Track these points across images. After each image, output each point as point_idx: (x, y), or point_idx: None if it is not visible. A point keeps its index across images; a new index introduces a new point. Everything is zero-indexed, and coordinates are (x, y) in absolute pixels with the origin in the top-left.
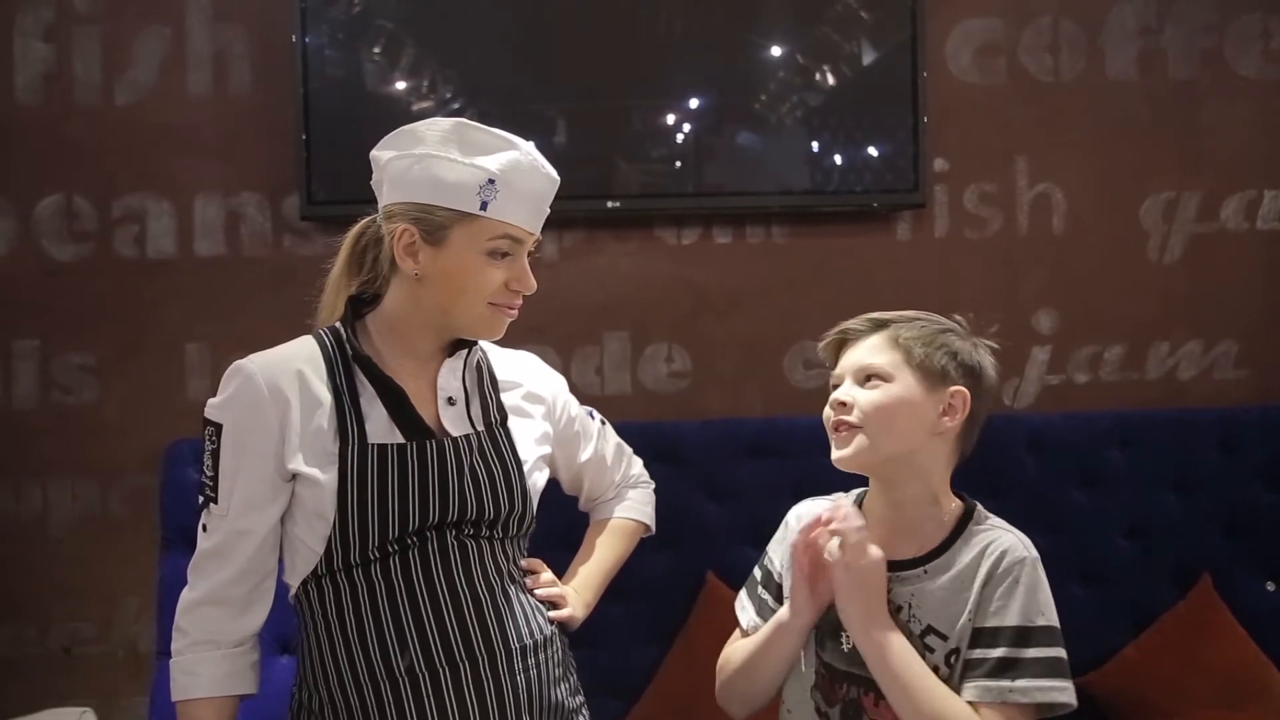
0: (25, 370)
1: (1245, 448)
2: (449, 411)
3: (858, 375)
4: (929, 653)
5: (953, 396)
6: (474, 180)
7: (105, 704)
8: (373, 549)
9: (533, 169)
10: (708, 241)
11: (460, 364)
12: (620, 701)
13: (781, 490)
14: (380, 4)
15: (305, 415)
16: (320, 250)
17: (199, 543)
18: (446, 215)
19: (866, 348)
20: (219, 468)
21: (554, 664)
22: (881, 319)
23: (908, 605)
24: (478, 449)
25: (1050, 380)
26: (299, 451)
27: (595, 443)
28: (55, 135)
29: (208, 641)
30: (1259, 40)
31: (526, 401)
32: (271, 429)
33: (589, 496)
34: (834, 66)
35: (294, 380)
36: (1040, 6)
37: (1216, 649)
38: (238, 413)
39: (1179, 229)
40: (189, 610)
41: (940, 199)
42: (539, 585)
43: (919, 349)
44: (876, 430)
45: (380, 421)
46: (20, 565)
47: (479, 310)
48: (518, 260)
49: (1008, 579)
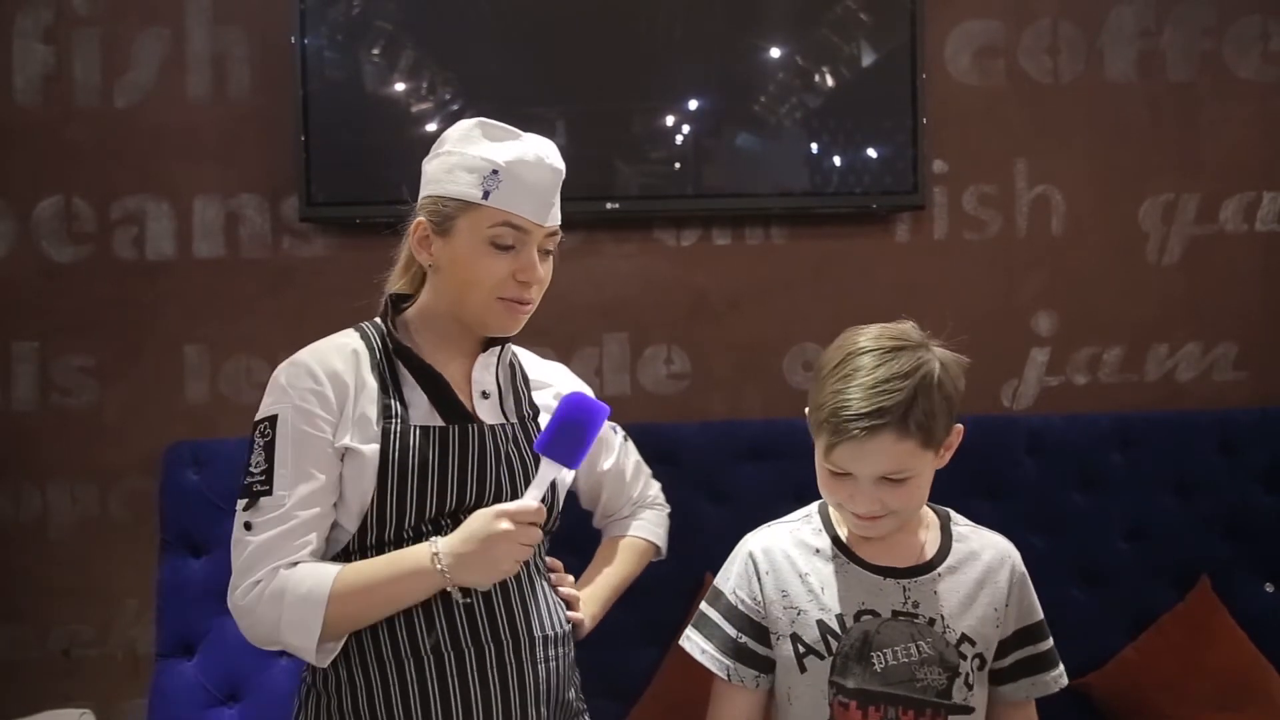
0: (24, 372)
1: (1244, 449)
2: (484, 404)
3: (876, 476)
4: (963, 659)
5: (952, 436)
6: (479, 170)
7: (104, 706)
8: (408, 527)
9: (536, 160)
10: (707, 243)
11: (494, 360)
12: (618, 703)
13: (781, 492)
14: (380, 6)
15: (357, 396)
16: (320, 252)
17: (244, 546)
18: (453, 205)
19: (879, 450)
20: (274, 458)
21: (567, 663)
22: (883, 408)
23: (940, 617)
24: (512, 439)
25: (1049, 382)
26: (350, 429)
27: (616, 455)
28: (55, 137)
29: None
30: (1258, 42)
31: (555, 402)
32: (332, 410)
33: (604, 512)
34: (833, 68)
35: (348, 363)
36: (1039, 8)
37: (1216, 651)
38: (294, 399)
39: (1178, 231)
40: (251, 588)
41: (939, 201)
42: (562, 583)
43: (929, 428)
44: (909, 511)
45: (422, 407)
46: (19, 568)
47: (488, 303)
48: (524, 252)
49: (1022, 579)
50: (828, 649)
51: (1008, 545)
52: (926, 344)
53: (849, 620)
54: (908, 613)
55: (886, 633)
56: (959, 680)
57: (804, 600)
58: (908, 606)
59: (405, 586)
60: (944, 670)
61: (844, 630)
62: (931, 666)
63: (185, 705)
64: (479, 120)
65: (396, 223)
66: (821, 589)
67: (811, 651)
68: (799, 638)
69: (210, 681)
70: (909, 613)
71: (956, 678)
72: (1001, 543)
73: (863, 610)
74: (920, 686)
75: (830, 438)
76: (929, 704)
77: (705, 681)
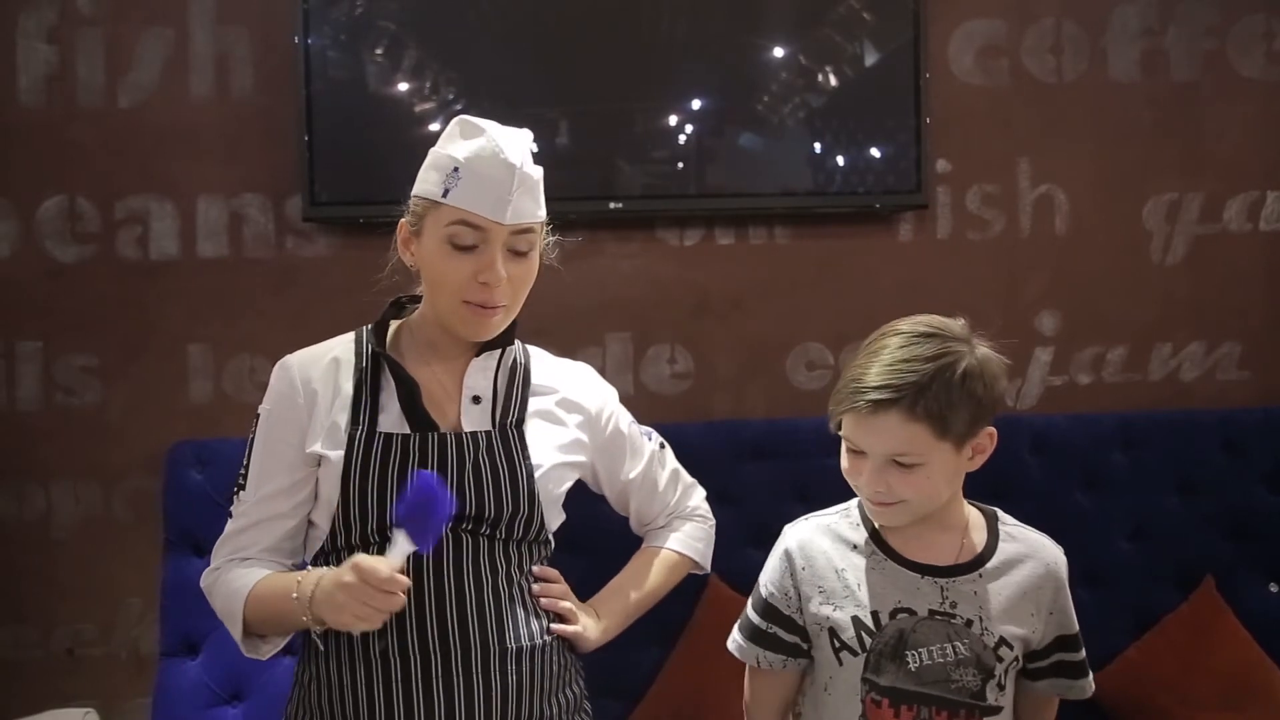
0: (28, 372)
1: (1248, 449)
2: (473, 410)
3: (884, 457)
4: (999, 662)
5: (981, 439)
6: (443, 168)
7: (108, 705)
8: (371, 531)
9: (493, 156)
10: (710, 243)
11: (492, 363)
12: (622, 703)
13: (784, 492)
14: (382, 6)
15: (328, 405)
16: (323, 251)
17: (223, 533)
18: (422, 204)
19: (886, 429)
20: (252, 456)
21: (547, 675)
22: (893, 385)
23: (978, 619)
24: (485, 447)
25: (1053, 382)
26: (319, 437)
27: (645, 463)
28: (58, 137)
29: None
30: (1262, 41)
31: (560, 408)
32: (301, 417)
33: (639, 520)
34: (836, 68)
35: (325, 372)
36: (1042, 8)
37: (1219, 651)
38: (273, 403)
39: (1182, 230)
40: (211, 573)
41: (943, 200)
42: (547, 595)
43: (942, 416)
44: (920, 501)
45: (393, 414)
46: (23, 567)
47: (453, 306)
48: (485, 252)
49: (1065, 584)
50: (862, 645)
51: (1056, 550)
52: (969, 339)
53: (884, 618)
54: (945, 613)
55: (922, 632)
56: (992, 682)
57: (840, 596)
58: (945, 606)
59: (280, 608)
60: (979, 672)
61: (879, 628)
62: (967, 668)
63: (189, 704)
64: (462, 118)
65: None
66: (858, 585)
67: (846, 647)
68: (835, 633)
69: (214, 680)
70: (946, 613)
71: (990, 680)
72: (1050, 546)
73: (899, 608)
74: (955, 688)
75: (841, 407)
76: (963, 705)
77: (711, 682)
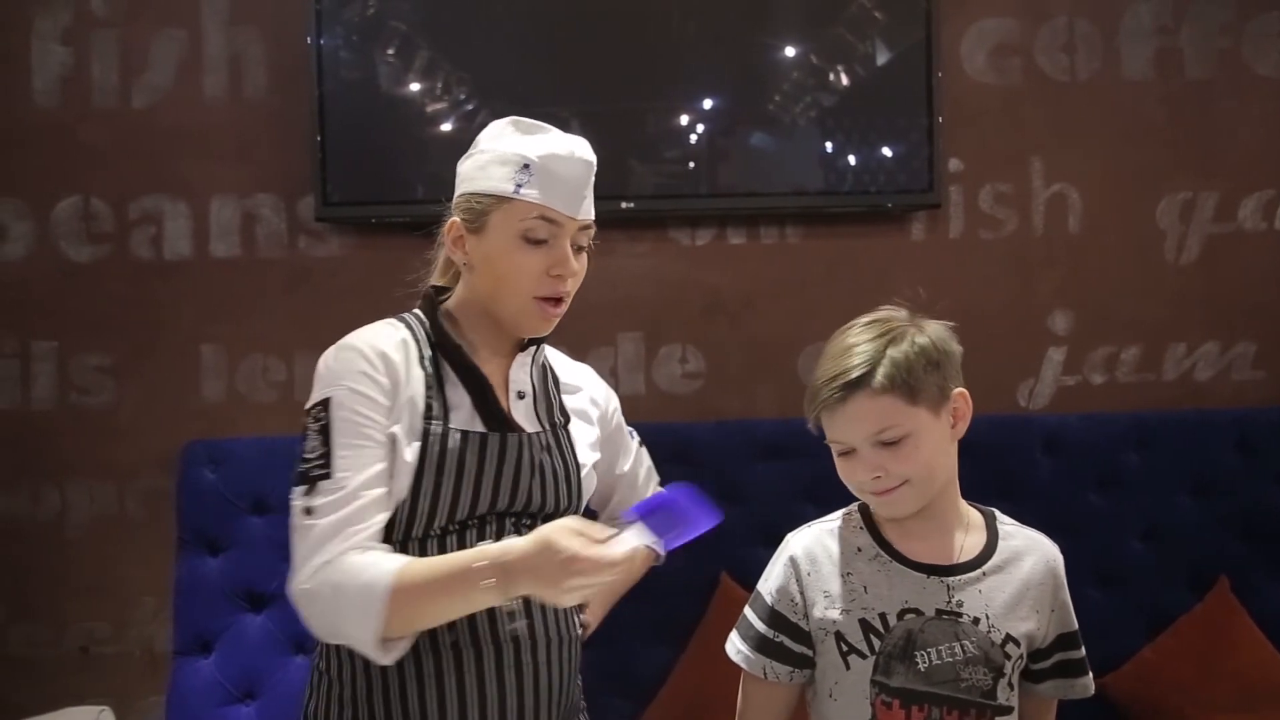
0: (43, 372)
1: (1263, 449)
2: (519, 405)
3: (870, 441)
4: (1007, 659)
5: (955, 401)
6: (512, 164)
7: (122, 703)
8: (435, 526)
9: (568, 153)
10: (721, 242)
11: (529, 360)
12: (632, 702)
13: (795, 491)
14: (394, 6)
15: (407, 384)
16: (335, 251)
17: (307, 531)
18: (487, 201)
19: (859, 411)
20: (331, 441)
21: (575, 664)
22: (851, 367)
23: (985, 616)
24: (545, 447)
25: (1066, 381)
26: (403, 415)
27: (632, 460)
28: (72, 138)
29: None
30: (1277, 39)
31: (592, 407)
32: (385, 390)
33: (611, 515)
34: (848, 67)
35: (399, 349)
36: (1056, 6)
37: (1234, 652)
38: (347, 382)
39: (1196, 229)
40: (316, 573)
41: (955, 199)
42: None
43: (905, 382)
44: (921, 479)
45: (464, 409)
46: (38, 565)
47: (522, 302)
48: (557, 246)
49: (1063, 580)
50: (870, 648)
51: (1053, 547)
52: (913, 319)
53: (892, 619)
54: (952, 612)
55: (930, 632)
56: (1003, 680)
57: (846, 600)
58: (951, 605)
59: (451, 587)
60: (989, 670)
61: (887, 629)
62: (976, 666)
63: (202, 702)
64: (512, 119)
65: (412, 222)
66: (864, 588)
67: (854, 650)
68: (842, 636)
69: (227, 679)
70: (953, 612)
71: (1001, 678)
72: (1047, 543)
73: (906, 609)
74: (965, 686)
75: (815, 408)
76: (974, 704)
77: (722, 681)
